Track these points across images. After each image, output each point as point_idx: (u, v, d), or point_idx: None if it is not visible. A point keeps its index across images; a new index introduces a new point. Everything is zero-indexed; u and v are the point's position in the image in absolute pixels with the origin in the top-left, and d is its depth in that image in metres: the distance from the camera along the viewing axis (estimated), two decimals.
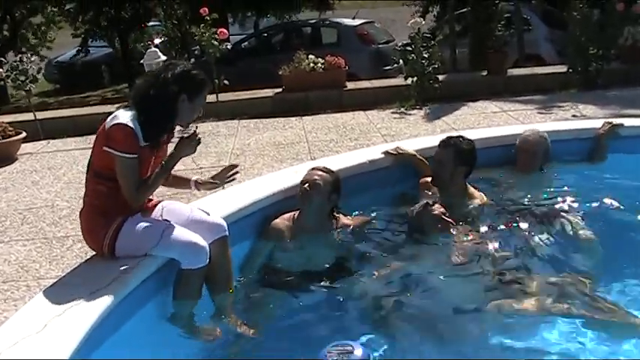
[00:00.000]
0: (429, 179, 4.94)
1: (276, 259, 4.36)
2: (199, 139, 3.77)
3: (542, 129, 5.64)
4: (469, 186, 4.89)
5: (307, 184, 4.44)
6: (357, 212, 4.86)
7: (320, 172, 4.51)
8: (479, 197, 4.86)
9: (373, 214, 4.87)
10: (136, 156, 3.53)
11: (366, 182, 5.12)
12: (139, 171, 3.59)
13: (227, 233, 3.86)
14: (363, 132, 8.29)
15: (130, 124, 3.50)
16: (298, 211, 4.52)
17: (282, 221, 4.49)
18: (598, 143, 5.66)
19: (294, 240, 4.42)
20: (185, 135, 3.73)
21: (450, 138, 4.91)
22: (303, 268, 4.26)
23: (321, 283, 4.11)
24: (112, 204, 3.61)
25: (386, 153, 5.38)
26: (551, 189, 5.17)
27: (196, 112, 3.75)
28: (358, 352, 2.63)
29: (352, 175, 5.00)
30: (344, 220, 4.59)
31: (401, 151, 5.34)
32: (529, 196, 5.04)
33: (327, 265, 4.29)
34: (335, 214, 4.56)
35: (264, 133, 8.56)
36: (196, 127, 3.78)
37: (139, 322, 3.47)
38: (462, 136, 4.97)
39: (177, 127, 3.79)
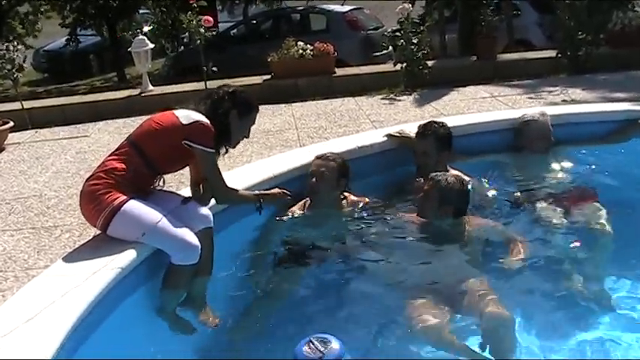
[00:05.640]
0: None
1: (290, 237, 4.47)
2: (288, 198, 4.37)
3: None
4: (449, 167, 4.92)
5: (315, 178, 4.52)
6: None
7: (325, 162, 4.59)
8: (459, 174, 4.88)
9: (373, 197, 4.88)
10: (215, 153, 3.87)
11: (354, 168, 5.09)
12: None
13: (212, 225, 3.85)
14: (352, 118, 8.27)
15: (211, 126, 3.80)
16: (309, 199, 4.62)
17: (297, 208, 4.62)
18: (630, 126, 5.55)
19: (305, 215, 4.55)
20: (285, 192, 4.32)
21: (425, 128, 4.96)
22: (312, 244, 4.36)
23: (328, 261, 4.24)
24: (130, 180, 3.65)
25: (389, 136, 5.36)
26: (564, 171, 5.17)
27: (244, 132, 4.08)
28: (335, 346, 2.61)
29: None
30: (352, 197, 4.69)
31: (404, 134, 5.31)
32: (542, 177, 5.09)
33: (337, 244, 4.40)
34: (344, 194, 4.66)
35: None
36: (289, 190, 4.36)
37: (128, 311, 3.46)
38: (435, 122, 5.05)
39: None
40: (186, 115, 3.77)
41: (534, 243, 4.33)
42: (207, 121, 3.77)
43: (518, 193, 4.93)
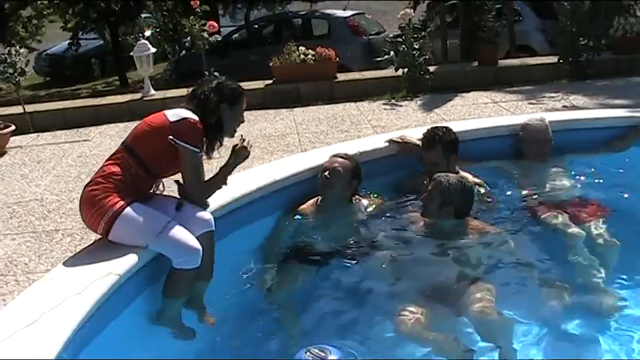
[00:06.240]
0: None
1: (298, 237, 4.51)
2: (251, 145, 4.08)
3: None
4: (458, 169, 4.91)
5: (328, 172, 4.53)
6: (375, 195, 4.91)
7: (340, 159, 4.61)
8: (468, 177, 4.85)
9: (386, 199, 4.89)
10: (201, 153, 3.79)
11: None
12: None
13: (213, 229, 3.84)
14: (353, 123, 8.28)
15: (200, 123, 3.74)
16: (320, 197, 4.63)
17: (307, 206, 4.64)
18: (630, 133, 5.51)
19: (315, 217, 4.57)
20: (238, 145, 4.03)
21: (432, 138, 4.90)
22: (321, 245, 4.39)
23: (334, 264, 4.23)
24: (128, 185, 3.65)
25: (391, 141, 5.34)
26: (566, 179, 5.10)
27: (238, 120, 4.01)
28: (333, 353, 2.61)
29: None
30: (364, 201, 4.70)
31: (406, 140, 5.32)
32: (544, 185, 5.02)
33: (344, 244, 4.39)
34: (355, 197, 4.67)
35: (255, 124, 8.53)
36: (241, 135, 4.07)
37: (129, 316, 3.46)
38: (437, 129, 4.98)
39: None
40: (175, 113, 3.76)
41: (536, 250, 4.33)
42: (196, 118, 3.74)
43: (522, 200, 4.92)
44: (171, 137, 3.66)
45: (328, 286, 4.10)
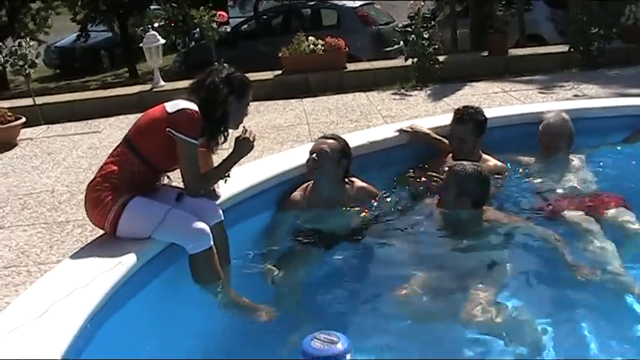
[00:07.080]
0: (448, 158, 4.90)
1: (296, 226, 4.47)
2: (254, 136, 4.01)
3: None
4: (481, 153, 4.95)
5: (315, 154, 4.48)
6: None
7: (327, 140, 4.55)
8: (491, 160, 4.93)
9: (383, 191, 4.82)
10: (198, 144, 3.71)
11: (365, 163, 5.07)
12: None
13: (222, 218, 3.84)
14: (363, 113, 8.27)
15: (198, 114, 3.67)
16: (312, 182, 4.58)
17: (299, 192, 4.60)
18: None
19: (311, 210, 4.51)
20: (241, 137, 3.96)
21: (464, 113, 4.93)
22: (318, 238, 4.33)
23: (336, 254, 4.21)
24: (128, 181, 3.64)
25: (401, 131, 5.35)
26: (586, 173, 5.00)
27: (244, 112, 3.96)
28: (341, 344, 2.60)
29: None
30: (359, 183, 4.62)
31: (416, 130, 5.31)
32: (561, 181, 4.93)
33: (342, 236, 4.36)
34: (349, 178, 4.59)
35: (265, 115, 8.53)
36: (244, 127, 4.01)
37: (141, 306, 3.46)
38: (471, 107, 5.01)
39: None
40: (173, 104, 3.70)
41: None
42: (194, 108, 3.67)
43: (537, 193, 4.88)
44: (168, 129, 3.62)
45: (331, 274, 4.10)
